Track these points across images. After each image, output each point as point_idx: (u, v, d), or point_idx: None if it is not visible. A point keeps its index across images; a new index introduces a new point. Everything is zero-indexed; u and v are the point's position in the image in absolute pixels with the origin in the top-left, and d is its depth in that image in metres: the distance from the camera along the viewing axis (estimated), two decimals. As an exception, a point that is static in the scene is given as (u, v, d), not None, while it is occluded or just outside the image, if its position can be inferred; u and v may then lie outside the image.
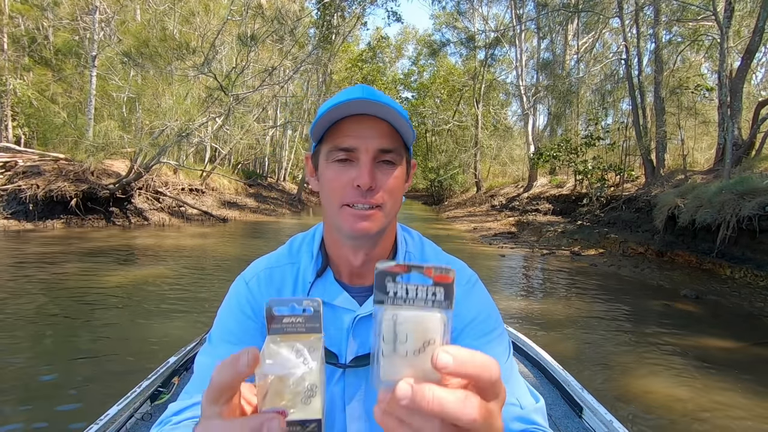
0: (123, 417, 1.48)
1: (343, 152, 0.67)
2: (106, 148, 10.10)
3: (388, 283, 0.32)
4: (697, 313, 5.06)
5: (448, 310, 0.32)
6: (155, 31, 11.61)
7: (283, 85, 15.45)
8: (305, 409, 0.32)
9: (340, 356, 0.74)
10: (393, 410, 0.31)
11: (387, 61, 35.86)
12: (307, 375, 0.32)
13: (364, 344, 0.74)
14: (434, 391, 0.29)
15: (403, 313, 0.31)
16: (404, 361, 0.31)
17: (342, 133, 0.67)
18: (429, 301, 0.31)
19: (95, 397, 2.66)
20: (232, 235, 10.73)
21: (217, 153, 17.90)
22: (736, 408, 2.90)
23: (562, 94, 15.52)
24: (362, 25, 23.66)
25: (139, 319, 4.09)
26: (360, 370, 0.74)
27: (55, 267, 5.95)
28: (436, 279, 0.32)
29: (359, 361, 0.74)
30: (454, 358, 0.30)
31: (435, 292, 0.31)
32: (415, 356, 0.31)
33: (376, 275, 0.32)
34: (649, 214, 8.44)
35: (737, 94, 8.38)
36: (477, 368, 0.30)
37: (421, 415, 0.30)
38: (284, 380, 0.32)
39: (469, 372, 0.30)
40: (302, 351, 0.33)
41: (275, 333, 0.34)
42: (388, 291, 0.31)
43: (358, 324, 0.74)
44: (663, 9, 11.55)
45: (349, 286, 0.77)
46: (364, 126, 0.67)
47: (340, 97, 0.67)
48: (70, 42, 13.15)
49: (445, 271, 0.32)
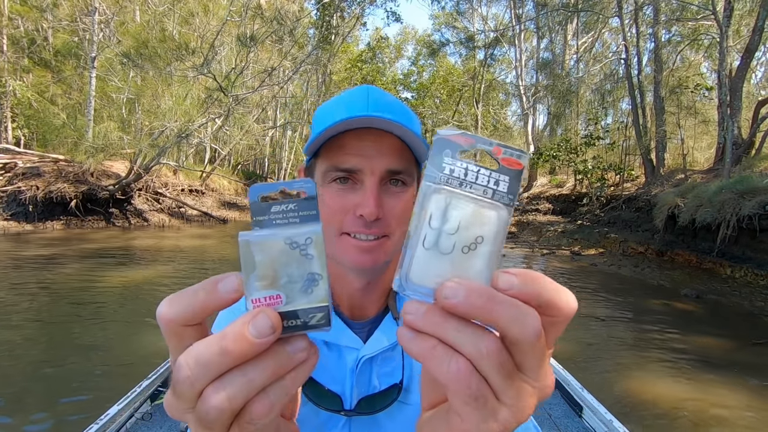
0: (123, 416, 1.49)
1: (344, 173, 0.58)
2: (106, 149, 10.11)
3: (446, 156, 0.25)
4: (698, 313, 5.06)
5: (509, 207, 0.25)
6: (154, 32, 11.62)
7: (283, 85, 15.46)
8: (306, 298, 0.25)
9: (344, 399, 0.67)
10: (432, 324, 0.24)
11: (386, 61, 35.88)
12: (307, 262, 0.25)
13: (370, 386, 0.68)
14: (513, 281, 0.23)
15: (460, 200, 0.25)
16: (445, 260, 0.24)
17: (342, 150, 0.58)
18: (489, 190, 0.25)
19: (96, 397, 2.66)
20: (232, 236, 10.73)
21: (216, 154, 17.91)
22: (736, 406, 2.90)
23: (561, 94, 15.53)
24: (362, 26, 23.69)
25: (140, 319, 4.08)
26: (368, 419, 0.67)
27: (55, 268, 5.95)
28: (503, 162, 0.25)
29: (366, 406, 0.67)
30: (518, 277, 0.23)
31: (499, 180, 0.25)
32: (460, 255, 0.24)
33: (435, 143, 0.26)
34: (649, 214, 8.44)
35: (737, 93, 8.39)
36: (550, 292, 0.23)
37: (474, 329, 0.23)
38: (276, 261, 0.25)
39: (540, 295, 0.23)
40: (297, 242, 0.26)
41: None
42: (444, 167, 0.25)
43: (363, 365, 0.67)
44: (662, 8, 11.56)
45: (350, 320, 0.70)
46: (369, 143, 0.58)
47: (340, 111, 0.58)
48: (70, 43, 13.16)
49: (517, 154, 0.25)
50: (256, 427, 0.24)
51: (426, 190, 0.25)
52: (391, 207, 0.59)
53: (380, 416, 0.68)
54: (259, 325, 0.23)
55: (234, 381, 0.23)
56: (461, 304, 0.22)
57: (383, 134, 0.57)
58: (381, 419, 0.68)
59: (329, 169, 0.59)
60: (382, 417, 0.68)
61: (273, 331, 0.23)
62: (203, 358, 0.23)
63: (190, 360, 0.23)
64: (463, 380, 0.23)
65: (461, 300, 0.22)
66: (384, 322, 0.70)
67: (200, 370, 0.23)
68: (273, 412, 0.24)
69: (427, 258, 0.24)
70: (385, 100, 0.60)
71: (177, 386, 0.23)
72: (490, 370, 0.23)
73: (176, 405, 0.24)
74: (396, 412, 0.68)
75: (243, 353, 0.23)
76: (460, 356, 0.23)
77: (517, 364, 0.24)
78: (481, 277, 0.24)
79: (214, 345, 0.23)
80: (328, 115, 0.60)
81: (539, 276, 0.24)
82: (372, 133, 0.57)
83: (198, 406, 0.24)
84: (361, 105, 0.58)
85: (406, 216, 0.62)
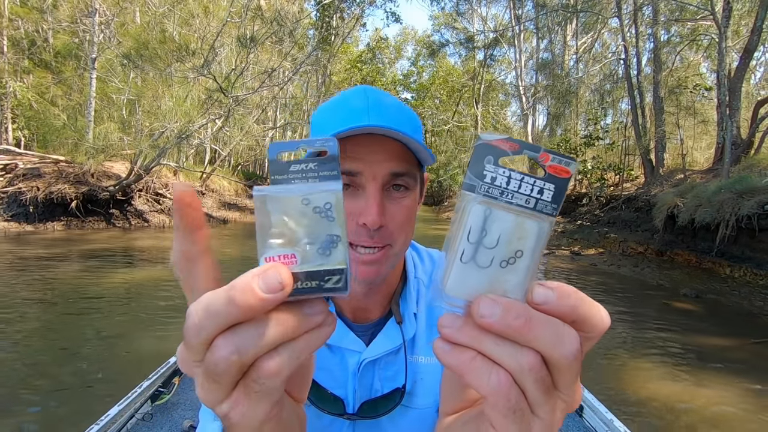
0: (124, 417, 1.49)
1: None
2: (106, 150, 10.11)
3: (487, 164, 0.24)
4: (697, 312, 5.06)
5: (551, 216, 0.24)
6: (155, 33, 11.63)
7: (283, 86, 15.47)
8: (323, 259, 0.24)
9: (347, 403, 0.67)
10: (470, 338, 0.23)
11: (386, 61, 35.90)
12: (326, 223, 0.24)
13: (373, 389, 0.68)
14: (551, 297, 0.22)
15: (500, 211, 0.24)
16: (483, 274, 0.24)
17: (342, 153, 0.56)
18: (532, 199, 0.24)
19: (96, 398, 2.67)
20: (232, 237, 10.74)
21: (216, 154, 17.92)
22: (735, 405, 2.90)
23: (561, 94, 15.54)
24: (361, 26, 23.71)
25: (140, 319, 4.09)
26: (371, 423, 0.68)
27: (56, 269, 5.95)
28: (550, 169, 0.24)
29: (369, 410, 0.67)
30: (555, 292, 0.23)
31: (543, 188, 0.24)
32: (498, 269, 0.23)
33: (477, 149, 0.24)
34: (648, 214, 8.45)
35: (736, 93, 8.40)
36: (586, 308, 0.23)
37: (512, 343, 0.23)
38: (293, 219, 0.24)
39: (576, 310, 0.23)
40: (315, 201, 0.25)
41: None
42: (485, 175, 0.24)
43: (365, 368, 0.67)
44: (661, 9, 11.57)
45: (352, 323, 0.70)
46: (370, 147, 0.57)
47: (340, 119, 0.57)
48: (70, 44, 13.17)
49: (565, 161, 0.24)
50: (261, 388, 0.24)
51: (465, 199, 0.24)
52: (393, 214, 0.58)
53: (383, 420, 0.67)
54: (268, 280, 0.22)
55: (244, 333, 0.23)
56: (497, 323, 0.22)
57: (384, 139, 0.57)
58: (384, 423, 0.68)
59: None
60: (385, 421, 0.68)
61: (282, 288, 0.22)
62: (212, 306, 0.22)
63: (199, 308, 0.23)
64: (503, 393, 0.22)
65: (497, 320, 0.22)
66: (387, 326, 0.70)
67: (207, 318, 0.22)
68: (281, 373, 0.23)
69: (464, 271, 0.24)
70: (385, 104, 0.59)
71: (185, 335, 0.23)
72: (530, 384, 0.23)
73: (186, 356, 0.24)
74: (399, 417, 0.68)
75: (249, 306, 0.22)
76: (501, 369, 0.23)
77: (553, 380, 0.24)
78: (518, 291, 0.23)
79: (222, 294, 0.22)
80: (328, 123, 0.59)
81: (574, 291, 0.23)
82: (374, 139, 0.57)
83: (207, 357, 0.23)
84: (361, 112, 0.57)
85: (409, 224, 0.61)
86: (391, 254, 0.60)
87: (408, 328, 0.69)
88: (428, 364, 0.69)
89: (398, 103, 0.62)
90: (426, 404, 0.69)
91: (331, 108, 0.62)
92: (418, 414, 0.68)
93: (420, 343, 0.70)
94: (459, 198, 0.25)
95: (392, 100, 0.62)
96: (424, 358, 0.70)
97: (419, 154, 0.60)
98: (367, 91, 0.61)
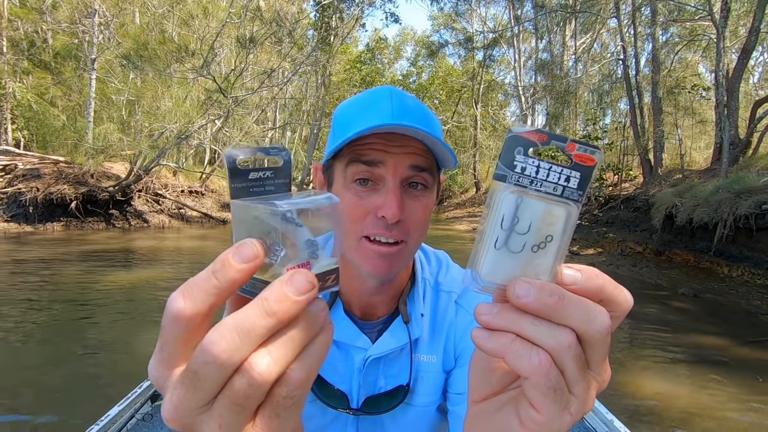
0: (124, 417, 1.50)
1: (364, 167, 0.57)
2: (106, 151, 10.12)
3: (517, 154, 0.25)
4: (695, 312, 5.08)
5: (578, 202, 0.25)
6: (154, 33, 11.64)
7: (282, 87, 15.48)
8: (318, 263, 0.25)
9: (351, 398, 0.68)
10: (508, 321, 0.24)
11: (386, 62, 35.91)
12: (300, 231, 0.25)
13: (375, 385, 0.69)
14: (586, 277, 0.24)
15: (531, 199, 0.25)
16: (516, 259, 0.25)
17: (367, 145, 0.57)
18: (560, 186, 0.25)
19: (96, 398, 2.68)
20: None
21: (216, 155, 17.92)
22: (733, 403, 2.92)
23: (560, 95, 15.55)
24: (361, 27, 23.71)
25: (140, 319, 4.10)
26: (375, 419, 0.69)
27: (56, 269, 5.96)
28: (576, 158, 0.25)
29: (372, 406, 0.68)
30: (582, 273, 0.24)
31: (570, 176, 0.25)
32: (530, 253, 0.25)
33: (507, 141, 0.25)
34: (647, 214, 8.47)
35: (734, 93, 8.42)
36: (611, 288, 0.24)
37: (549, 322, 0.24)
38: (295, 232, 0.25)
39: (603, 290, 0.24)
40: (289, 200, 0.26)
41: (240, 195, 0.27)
42: (515, 165, 0.25)
43: (370, 365, 0.68)
44: (660, 9, 11.59)
45: (360, 321, 0.71)
46: (393, 143, 0.57)
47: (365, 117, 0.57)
48: (69, 45, 13.17)
49: (591, 150, 0.25)
50: (292, 402, 0.23)
51: (496, 188, 0.25)
52: (411, 211, 0.59)
53: (385, 417, 0.69)
54: (298, 284, 0.22)
55: (278, 343, 0.22)
56: (533, 302, 0.23)
57: (406, 138, 0.58)
58: (385, 420, 0.69)
59: (352, 160, 0.58)
60: (387, 418, 0.69)
61: (312, 287, 0.23)
62: (245, 325, 0.21)
63: (225, 332, 0.21)
64: (544, 372, 0.23)
65: (533, 299, 0.23)
66: (394, 325, 0.70)
67: (243, 338, 0.21)
68: (310, 379, 0.24)
69: (498, 257, 0.25)
70: (409, 106, 0.60)
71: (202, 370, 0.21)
72: (568, 362, 0.24)
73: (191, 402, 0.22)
74: (400, 414, 0.69)
75: (287, 313, 0.22)
76: (540, 349, 0.24)
77: (586, 358, 0.24)
78: (548, 274, 0.25)
79: (256, 309, 0.22)
80: (352, 121, 0.59)
81: (599, 272, 0.25)
82: (396, 136, 0.57)
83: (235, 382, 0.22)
84: (385, 112, 0.58)
85: (425, 223, 0.62)
86: (405, 251, 0.61)
87: (415, 328, 0.70)
88: (430, 363, 0.71)
89: (421, 104, 0.63)
90: (426, 402, 0.70)
91: (356, 106, 0.63)
92: (418, 412, 0.70)
93: (423, 343, 0.71)
94: (491, 188, 0.26)
95: (415, 102, 0.63)
96: (425, 356, 0.71)
97: (440, 154, 0.61)
98: (392, 92, 0.62)
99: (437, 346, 0.71)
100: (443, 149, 0.58)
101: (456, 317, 0.73)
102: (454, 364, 0.72)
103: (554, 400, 0.24)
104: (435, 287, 0.75)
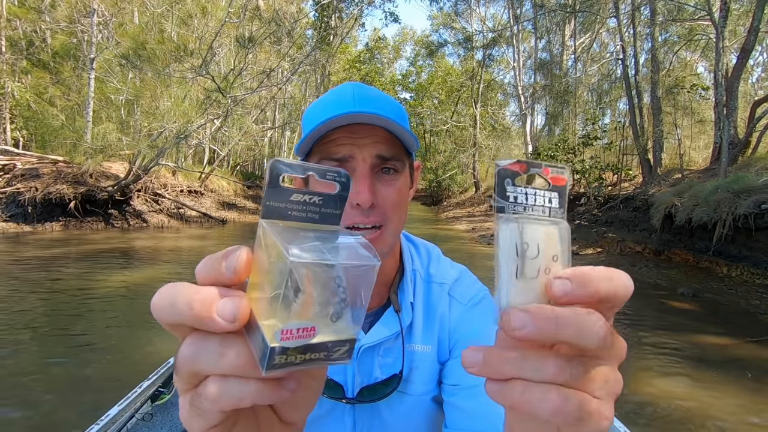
0: (124, 417, 1.50)
1: (336, 164, 0.60)
2: (105, 151, 10.10)
3: (507, 185, 0.26)
4: (695, 311, 5.09)
5: (564, 220, 0.27)
6: (153, 33, 11.62)
7: (281, 86, 15.46)
8: (333, 328, 0.21)
9: (346, 388, 0.70)
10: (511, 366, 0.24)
11: (385, 62, 35.93)
12: (336, 286, 0.21)
13: (371, 375, 0.71)
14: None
15: (530, 224, 0.26)
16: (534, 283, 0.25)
17: (333, 143, 0.60)
18: (546, 208, 0.27)
19: (96, 398, 2.67)
20: (231, 237, 10.74)
21: (215, 155, 17.90)
22: (732, 403, 2.92)
23: (559, 94, 15.57)
24: (360, 27, 23.71)
25: (140, 319, 4.10)
26: (371, 407, 0.70)
27: (55, 269, 5.95)
28: (552, 180, 0.27)
29: (368, 395, 0.69)
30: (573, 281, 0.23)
31: (551, 197, 0.27)
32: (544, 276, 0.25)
33: (497, 174, 0.26)
34: (646, 213, 8.48)
35: (733, 93, 8.43)
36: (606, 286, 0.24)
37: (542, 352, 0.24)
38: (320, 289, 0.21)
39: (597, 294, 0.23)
40: (321, 244, 0.22)
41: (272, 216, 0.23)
42: (508, 195, 0.26)
43: (363, 354, 0.70)
44: (659, 9, 11.61)
45: None
46: (358, 135, 0.60)
47: (328, 110, 0.60)
48: (68, 45, 13.15)
49: (559, 170, 0.27)
50: (200, 406, 0.23)
51: (499, 220, 0.26)
52: (384, 195, 0.62)
53: (381, 405, 0.70)
54: (223, 311, 0.21)
55: (202, 344, 0.22)
56: (534, 333, 0.22)
57: (371, 127, 0.60)
58: (381, 408, 0.71)
59: (321, 159, 0.61)
60: (383, 406, 0.70)
61: (233, 321, 0.21)
62: (177, 298, 0.22)
63: (163, 293, 0.23)
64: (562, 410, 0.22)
65: (533, 329, 0.22)
66: (385, 315, 0.72)
67: (168, 308, 0.22)
68: (218, 404, 0.22)
69: (519, 286, 0.25)
70: (370, 95, 0.63)
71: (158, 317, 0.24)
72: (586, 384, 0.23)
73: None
74: (396, 402, 0.70)
75: (199, 318, 0.21)
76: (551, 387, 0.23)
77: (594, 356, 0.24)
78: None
79: (188, 291, 0.22)
80: (316, 115, 0.62)
81: (590, 272, 0.24)
82: (361, 127, 0.60)
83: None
84: (347, 102, 0.61)
85: (401, 206, 0.64)
86: (386, 235, 0.63)
87: (405, 316, 0.72)
88: (425, 353, 0.72)
89: (383, 94, 0.66)
90: (421, 391, 0.71)
91: (320, 103, 0.66)
92: (413, 400, 0.71)
93: (417, 333, 0.73)
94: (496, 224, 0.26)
95: (377, 92, 0.65)
96: (420, 346, 0.72)
97: (405, 140, 0.63)
98: (354, 85, 0.64)
99: (431, 337, 0.73)
100: (408, 138, 0.61)
101: (449, 308, 0.75)
102: (448, 356, 0.73)
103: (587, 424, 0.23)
104: (426, 278, 0.77)
